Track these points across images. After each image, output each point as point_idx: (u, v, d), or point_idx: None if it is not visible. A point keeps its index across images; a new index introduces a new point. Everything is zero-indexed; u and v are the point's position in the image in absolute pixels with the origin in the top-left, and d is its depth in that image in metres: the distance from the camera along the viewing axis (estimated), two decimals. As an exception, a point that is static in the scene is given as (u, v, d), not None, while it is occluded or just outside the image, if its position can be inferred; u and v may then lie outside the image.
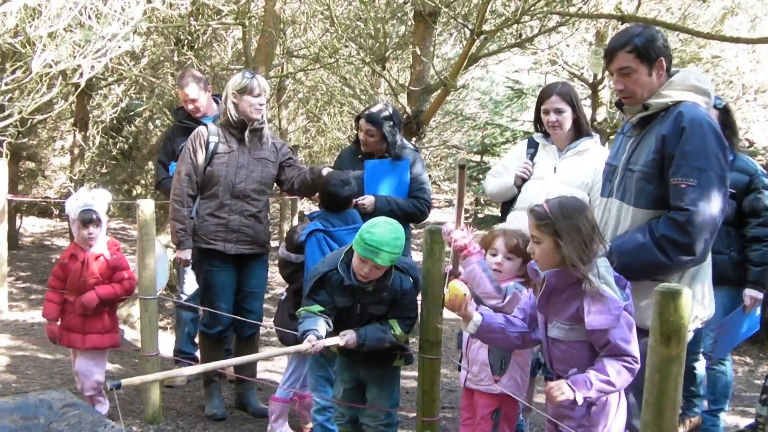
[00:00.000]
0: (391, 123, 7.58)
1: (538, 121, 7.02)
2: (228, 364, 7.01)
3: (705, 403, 7.86)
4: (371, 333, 5.71)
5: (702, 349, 7.62)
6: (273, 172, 7.70)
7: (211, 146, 7.48)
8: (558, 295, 4.60)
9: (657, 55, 5.01)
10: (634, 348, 4.42)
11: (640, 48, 5.00)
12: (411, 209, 7.56)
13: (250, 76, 7.45)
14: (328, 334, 5.67)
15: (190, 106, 8.50)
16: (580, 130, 6.83)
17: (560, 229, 4.57)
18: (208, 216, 7.49)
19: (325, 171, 7.28)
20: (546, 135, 6.96)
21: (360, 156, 7.69)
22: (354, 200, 7.02)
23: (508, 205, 7.15)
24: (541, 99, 6.89)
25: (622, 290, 4.50)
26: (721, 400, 7.68)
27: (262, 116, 7.56)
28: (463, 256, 5.36)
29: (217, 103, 8.69)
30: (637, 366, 4.41)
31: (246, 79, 7.41)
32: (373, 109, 7.70)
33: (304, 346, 5.41)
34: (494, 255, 5.43)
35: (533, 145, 7.10)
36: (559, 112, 6.73)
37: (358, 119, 7.76)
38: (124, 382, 4.59)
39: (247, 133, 7.49)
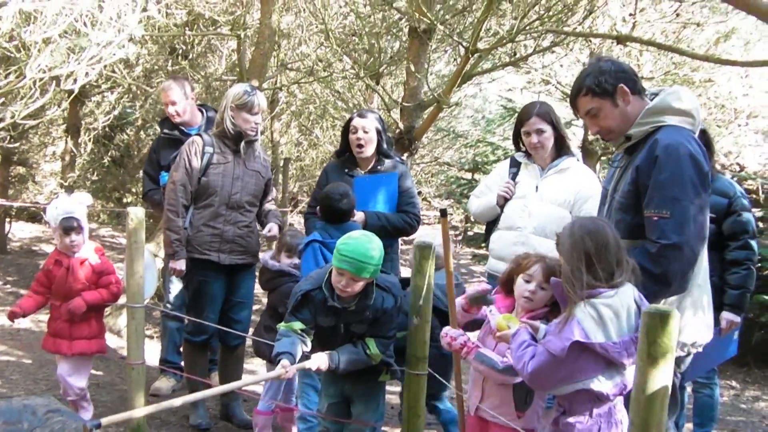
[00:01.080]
0: (381, 123, 7.63)
1: (518, 141, 7.10)
2: (213, 393, 6.94)
3: (690, 425, 7.86)
4: (344, 356, 5.68)
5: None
6: (263, 186, 7.73)
7: (207, 156, 7.45)
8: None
9: (613, 85, 4.95)
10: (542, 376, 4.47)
11: (593, 87, 4.97)
12: (401, 224, 7.51)
13: (251, 93, 7.42)
14: (310, 353, 5.68)
15: (170, 109, 8.44)
16: (561, 148, 6.92)
17: (560, 248, 4.62)
18: (203, 226, 7.47)
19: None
20: (527, 154, 7.03)
21: (347, 170, 7.64)
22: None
23: (492, 225, 7.22)
24: (521, 120, 6.97)
25: (631, 330, 4.46)
26: (708, 423, 7.68)
27: (257, 131, 7.56)
28: (464, 354, 5.29)
29: (201, 113, 8.68)
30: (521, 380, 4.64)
31: (246, 96, 7.39)
32: (363, 111, 7.79)
33: (277, 371, 5.37)
34: (528, 282, 5.28)
35: (516, 164, 7.18)
36: (539, 132, 6.82)
37: (345, 128, 7.69)
38: (104, 421, 4.55)
39: (242, 144, 7.50)
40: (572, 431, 4.61)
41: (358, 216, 7.23)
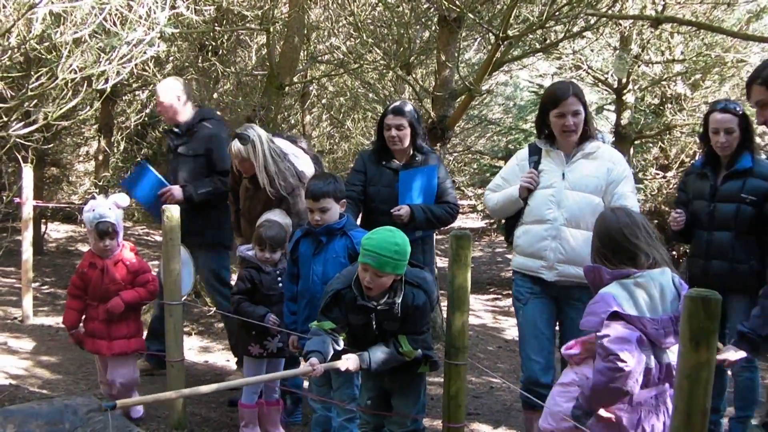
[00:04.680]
0: (416, 115, 7.58)
1: (543, 126, 6.63)
2: (239, 384, 6.97)
3: (732, 409, 7.76)
4: (375, 356, 5.65)
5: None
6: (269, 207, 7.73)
7: None
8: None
9: None
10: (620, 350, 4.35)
11: None
12: (444, 215, 7.53)
13: (234, 138, 7.50)
14: (343, 351, 5.68)
15: (158, 108, 8.65)
16: (587, 132, 6.48)
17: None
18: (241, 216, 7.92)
19: None
20: (549, 140, 6.61)
21: (384, 163, 7.64)
22: (391, 211, 7.21)
23: (513, 220, 6.81)
24: (554, 101, 6.43)
25: (667, 312, 4.44)
26: (749, 406, 7.55)
27: (264, 174, 7.47)
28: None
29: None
30: (622, 365, 4.33)
31: (231, 142, 7.53)
32: (397, 104, 7.71)
33: (306, 369, 5.37)
34: None
35: (536, 152, 6.72)
36: (576, 114, 6.35)
37: (381, 121, 7.69)
38: (119, 403, 4.61)
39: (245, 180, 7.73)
40: (608, 420, 4.59)
41: (404, 210, 7.25)
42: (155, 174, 8.62)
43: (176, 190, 8.32)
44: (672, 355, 4.48)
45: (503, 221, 7.12)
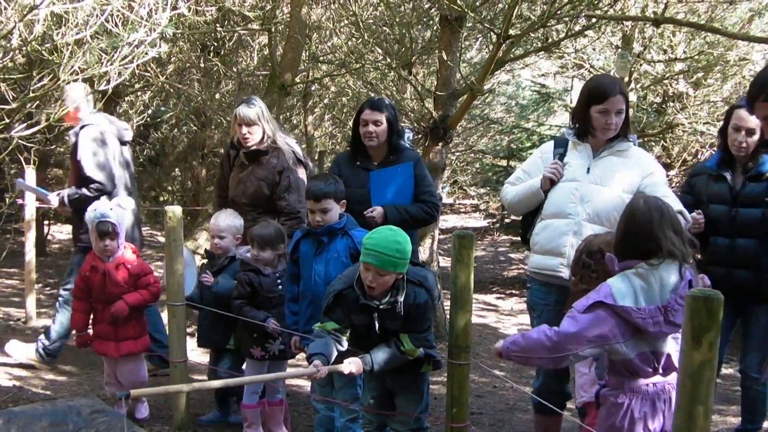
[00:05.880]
0: (394, 112, 7.43)
1: (582, 119, 6.23)
2: (242, 382, 6.98)
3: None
4: (377, 357, 5.65)
5: (746, 369, 7.21)
6: (265, 193, 7.73)
7: (232, 158, 7.95)
8: None
9: None
10: (569, 334, 4.45)
11: None
12: (421, 215, 7.31)
13: (237, 104, 7.78)
14: (346, 353, 5.68)
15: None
16: (622, 131, 6.18)
17: None
18: None
19: None
20: (578, 134, 6.29)
21: (358, 163, 7.46)
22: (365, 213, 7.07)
23: (531, 217, 6.51)
24: (601, 97, 6.05)
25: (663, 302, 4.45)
26: (759, 418, 7.34)
27: (261, 141, 7.69)
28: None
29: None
30: (557, 354, 4.51)
31: (236, 108, 7.71)
32: (374, 98, 7.68)
33: (310, 370, 5.37)
34: None
35: (562, 144, 6.40)
36: (619, 113, 6.05)
37: (357, 118, 7.48)
38: (133, 392, 4.63)
39: (241, 153, 7.78)
40: (606, 404, 4.66)
41: (377, 211, 7.09)
42: (34, 186, 9.19)
43: (52, 197, 8.69)
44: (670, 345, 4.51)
45: (520, 219, 6.80)
